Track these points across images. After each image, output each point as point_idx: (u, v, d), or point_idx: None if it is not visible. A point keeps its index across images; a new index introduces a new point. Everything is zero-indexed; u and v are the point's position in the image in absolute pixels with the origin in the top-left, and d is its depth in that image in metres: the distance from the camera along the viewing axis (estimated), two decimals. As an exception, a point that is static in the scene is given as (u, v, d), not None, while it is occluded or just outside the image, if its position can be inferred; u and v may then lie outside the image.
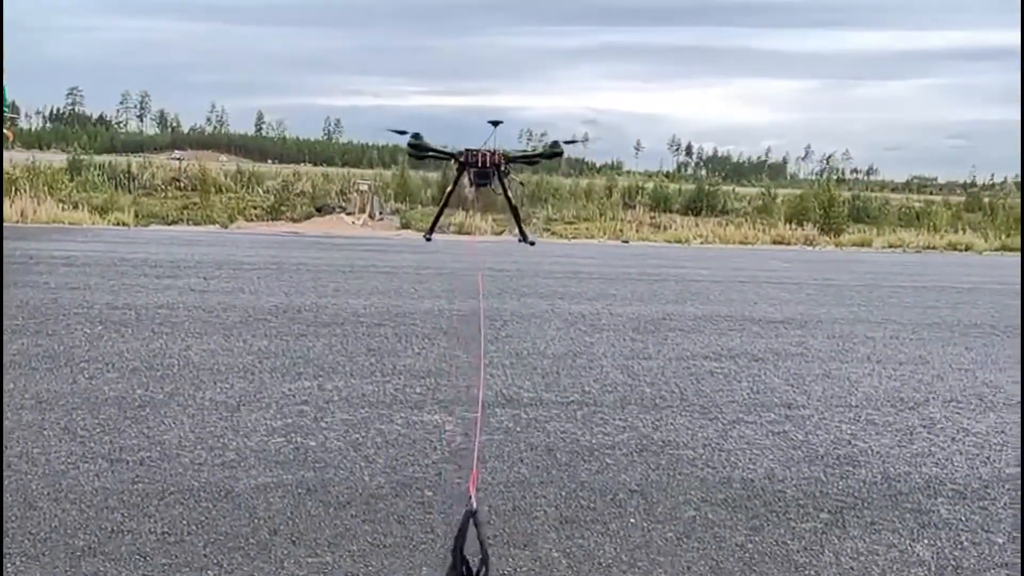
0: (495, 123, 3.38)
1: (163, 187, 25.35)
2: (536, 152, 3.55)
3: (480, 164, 3.20)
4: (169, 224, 17.51)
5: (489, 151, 3.19)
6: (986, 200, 34.72)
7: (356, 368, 5.64)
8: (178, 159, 39.02)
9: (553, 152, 3.53)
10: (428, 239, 3.83)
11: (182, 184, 26.20)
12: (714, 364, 6.27)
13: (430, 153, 3.40)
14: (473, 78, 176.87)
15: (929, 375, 6.31)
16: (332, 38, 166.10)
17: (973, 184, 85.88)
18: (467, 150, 3.23)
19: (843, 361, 6.64)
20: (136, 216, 17.71)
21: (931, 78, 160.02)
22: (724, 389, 5.61)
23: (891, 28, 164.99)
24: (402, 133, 3.33)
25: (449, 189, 3.50)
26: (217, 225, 17.72)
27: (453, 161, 3.30)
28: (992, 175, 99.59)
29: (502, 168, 3.35)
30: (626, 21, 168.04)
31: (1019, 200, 28.84)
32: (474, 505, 1.67)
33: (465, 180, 3.40)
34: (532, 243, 3.93)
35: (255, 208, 21.75)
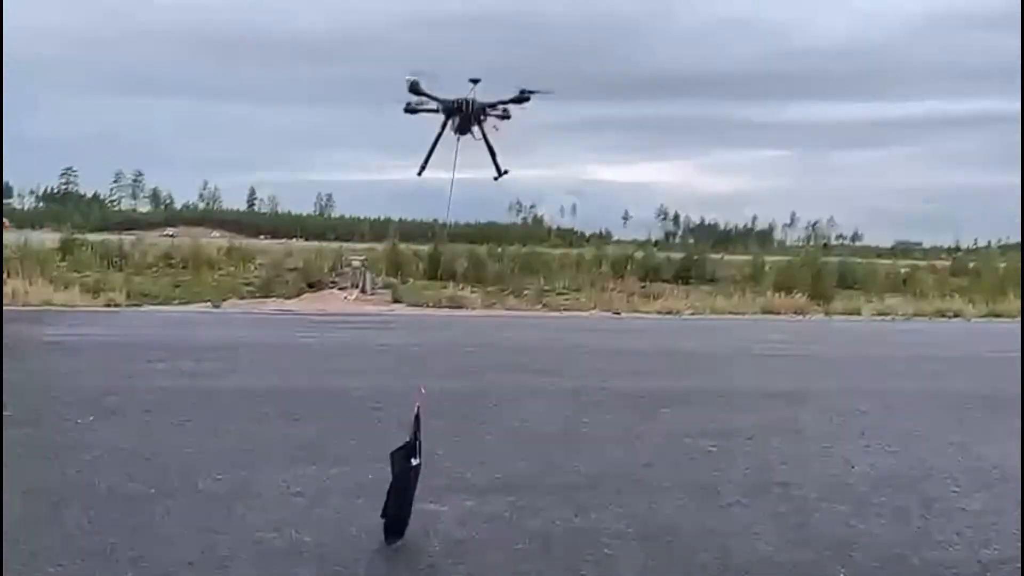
0: (474, 80, 4.43)
1: (155, 265, 25.44)
2: (507, 99, 4.46)
3: (463, 110, 4.34)
4: (160, 303, 17.52)
5: (468, 101, 4.32)
6: (971, 264, 35.16)
7: (351, 453, 5.60)
8: (170, 236, 39.29)
9: (521, 97, 4.50)
10: (420, 175, 4.58)
11: (174, 261, 26.31)
12: (710, 443, 6.25)
13: (421, 109, 4.51)
14: (461, 152, 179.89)
15: (925, 451, 6.30)
16: (323, 114, 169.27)
17: (957, 248, 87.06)
18: (452, 101, 4.38)
19: (839, 438, 6.63)
20: (128, 295, 17.71)
21: (908, 146, 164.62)
22: (721, 469, 5.59)
23: (867, 99, 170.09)
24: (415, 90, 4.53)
25: (438, 133, 4.48)
26: (209, 303, 17.72)
27: (441, 111, 4.40)
28: (975, 239, 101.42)
29: (481, 117, 4.45)
30: (609, 95, 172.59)
31: (1004, 264, 29.21)
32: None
33: (449, 127, 4.53)
34: (505, 172, 4.81)
35: (247, 285, 21.79)
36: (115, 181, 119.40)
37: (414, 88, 4.75)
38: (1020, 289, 20.50)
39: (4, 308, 14.54)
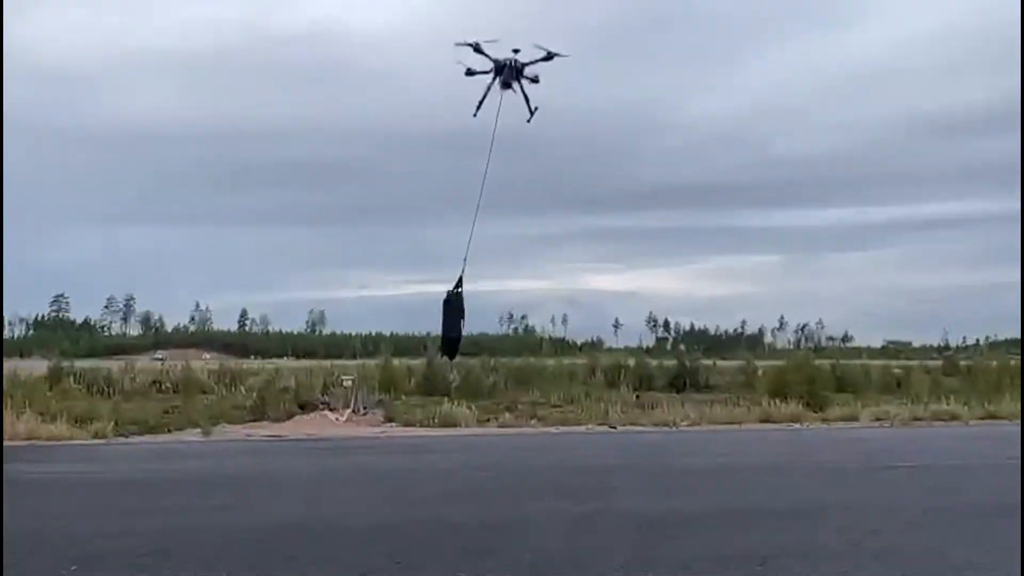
0: (515, 50, 6.84)
1: (145, 390, 25.13)
2: (539, 58, 6.73)
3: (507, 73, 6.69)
4: (149, 431, 17.17)
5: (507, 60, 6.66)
6: (963, 363, 35.25)
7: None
8: (160, 359, 39.03)
9: (548, 57, 6.75)
10: (475, 116, 6.88)
11: (164, 386, 26.01)
12: (720, 572, 6.04)
13: (478, 71, 6.89)
14: (454, 266, 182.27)
15: (942, 569, 6.10)
16: (314, 233, 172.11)
17: (946, 347, 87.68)
18: (499, 63, 6.64)
19: (853, 558, 6.43)
20: (116, 424, 17.36)
21: (892, 248, 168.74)
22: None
23: (850, 204, 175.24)
24: (474, 47, 6.99)
25: (488, 85, 6.80)
26: (199, 430, 17.39)
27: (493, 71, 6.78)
28: (963, 337, 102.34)
29: (522, 73, 6.72)
30: (598, 208, 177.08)
31: (995, 364, 29.32)
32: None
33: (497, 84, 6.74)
34: (536, 108, 7.12)
35: (237, 408, 21.48)
36: (106, 306, 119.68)
37: (477, 48, 6.99)
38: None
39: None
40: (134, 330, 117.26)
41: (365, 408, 21.53)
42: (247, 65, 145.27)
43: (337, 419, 20.10)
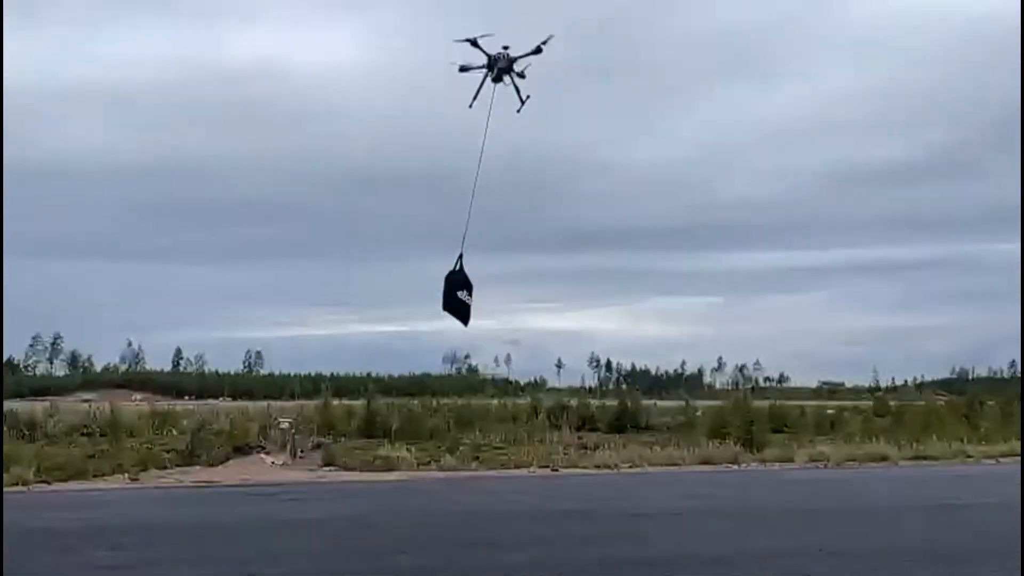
0: (505, 47, 7.74)
1: (70, 434, 24.07)
2: (528, 52, 7.64)
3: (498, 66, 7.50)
4: (72, 477, 16.41)
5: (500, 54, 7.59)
6: (892, 404, 36.38)
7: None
8: (88, 401, 37.57)
9: (536, 50, 7.59)
10: (471, 107, 8.03)
11: (90, 429, 24.95)
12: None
13: (471, 67, 7.68)
14: (394, 305, 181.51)
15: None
16: (252, 271, 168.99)
17: (877, 387, 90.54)
18: (492, 57, 7.50)
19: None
20: (39, 470, 16.56)
21: (822, 290, 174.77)
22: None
23: (781, 248, 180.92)
24: (471, 42, 7.80)
25: (482, 79, 7.71)
26: (126, 476, 16.69)
27: (487, 66, 7.62)
28: (892, 378, 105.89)
29: (512, 67, 7.55)
30: (542, 248, 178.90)
31: (923, 405, 30.27)
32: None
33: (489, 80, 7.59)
34: (528, 97, 7.98)
35: (168, 452, 20.73)
36: (31, 345, 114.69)
37: (474, 42, 7.90)
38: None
39: None
40: (61, 370, 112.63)
41: (303, 451, 21.03)
42: (188, 101, 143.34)
43: (273, 463, 19.56)
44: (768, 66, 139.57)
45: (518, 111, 7.96)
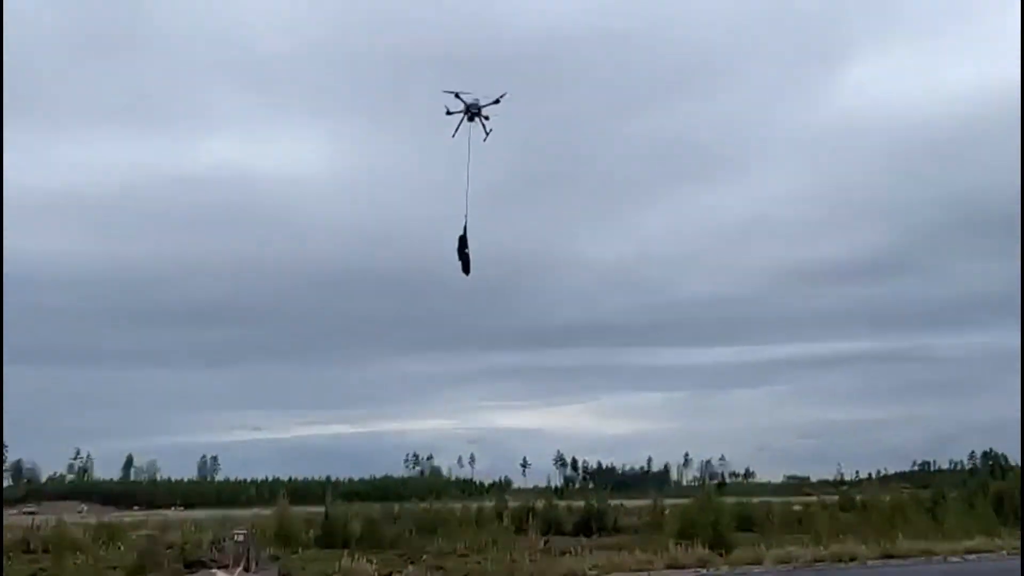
0: (469, 92, 13.47)
1: (10, 552, 22.79)
2: (491, 101, 13.33)
3: (471, 111, 13.23)
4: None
5: (473, 102, 13.36)
6: (857, 498, 36.29)
7: None
8: (31, 513, 35.84)
9: (497, 100, 13.32)
10: (453, 138, 13.57)
11: (32, 546, 23.69)
12: None
13: (455, 111, 13.29)
14: (354, 406, 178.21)
15: None
16: (206, 374, 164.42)
17: (842, 480, 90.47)
18: (468, 104, 13.28)
19: None
20: (-29, 595, 15.62)
21: (779, 385, 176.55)
22: None
23: (735, 343, 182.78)
24: (455, 94, 13.43)
25: (459, 120, 13.42)
26: (68, 598, 15.80)
27: (464, 111, 13.31)
28: (856, 472, 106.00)
29: (480, 112, 13.25)
30: (502, 346, 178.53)
31: (887, 499, 30.28)
32: None
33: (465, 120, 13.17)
34: (490, 131, 13.48)
35: (114, 569, 19.72)
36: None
37: (457, 95, 12.94)
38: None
39: None
40: (4, 481, 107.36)
41: (258, 565, 20.14)
42: (147, 206, 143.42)
43: (227, 579, 18.69)
44: (717, 171, 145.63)
45: (484, 140, 13.28)
